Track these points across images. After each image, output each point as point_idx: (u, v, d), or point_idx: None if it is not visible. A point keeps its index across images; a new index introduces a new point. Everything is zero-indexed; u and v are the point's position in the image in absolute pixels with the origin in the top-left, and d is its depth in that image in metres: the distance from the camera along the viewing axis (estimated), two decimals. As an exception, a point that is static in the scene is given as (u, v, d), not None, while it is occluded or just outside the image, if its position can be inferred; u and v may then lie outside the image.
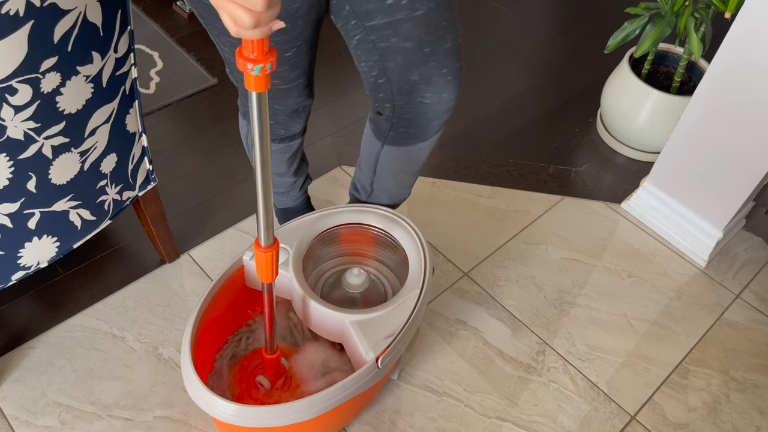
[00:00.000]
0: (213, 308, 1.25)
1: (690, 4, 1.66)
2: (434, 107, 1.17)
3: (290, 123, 1.31)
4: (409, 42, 1.07)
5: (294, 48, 1.12)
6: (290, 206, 1.60)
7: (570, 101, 2.16)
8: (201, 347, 1.24)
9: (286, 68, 1.16)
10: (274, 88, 1.20)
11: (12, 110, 1.01)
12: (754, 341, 1.58)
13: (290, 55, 1.13)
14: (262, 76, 0.77)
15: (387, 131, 1.25)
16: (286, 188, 1.54)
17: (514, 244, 1.73)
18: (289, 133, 1.34)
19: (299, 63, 1.16)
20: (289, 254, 1.25)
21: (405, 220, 1.31)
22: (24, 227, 1.19)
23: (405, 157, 1.30)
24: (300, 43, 1.12)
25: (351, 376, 1.12)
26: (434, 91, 1.14)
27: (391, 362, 1.19)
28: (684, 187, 1.71)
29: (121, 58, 1.16)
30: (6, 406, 1.35)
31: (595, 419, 1.42)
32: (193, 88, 2.07)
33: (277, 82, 1.19)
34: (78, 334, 1.47)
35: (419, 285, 1.23)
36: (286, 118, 1.29)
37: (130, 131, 1.28)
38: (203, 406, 1.09)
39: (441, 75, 1.12)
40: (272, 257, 1.02)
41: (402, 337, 1.18)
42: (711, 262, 1.73)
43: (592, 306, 1.62)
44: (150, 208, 1.47)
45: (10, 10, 0.92)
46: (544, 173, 1.92)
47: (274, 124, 1.30)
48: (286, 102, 1.24)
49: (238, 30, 0.70)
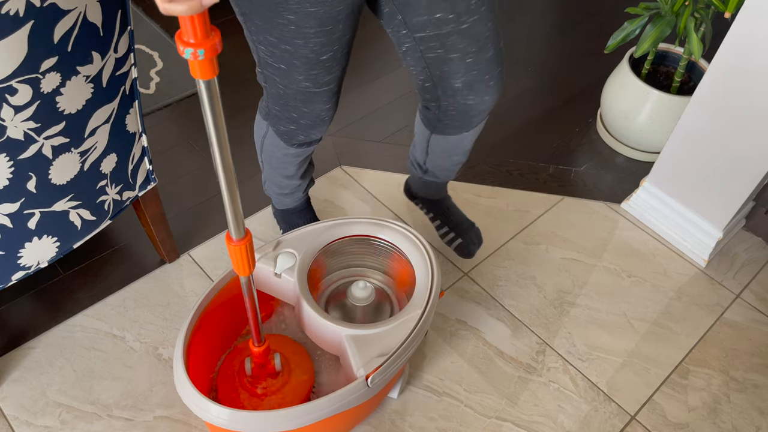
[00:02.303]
0: (213, 310, 1.24)
1: (690, 4, 1.66)
2: (477, 107, 1.24)
3: (312, 130, 1.29)
4: (454, 53, 1.14)
5: (331, 52, 1.12)
6: (290, 207, 1.60)
7: (570, 101, 2.16)
8: (201, 349, 1.24)
9: (321, 71, 1.15)
10: (305, 91, 1.18)
11: (12, 110, 1.02)
12: (754, 341, 1.58)
13: (326, 59, 1.13)
14: (207, 60, 0.73)
15: (435, 122, 1.33)
16: (291, 190, 1.53)
17: (514, 244, 1.73)
18: (308, 139, 1.33)
19: (333, 68, 1.16)
20: (296, 260, 1.24)
21: (418, 238, 1.29)
22: (24, 227, 1.19)
23: (453, 143, 1.37)
24: (337, 47, 1.12)
25: (337, 392, 1.09)
26: (477, 95, 1.22)
27: (383, 382, 1.15)
28: (684, 187, 1.71)
29: (121, 58, 1.16)
30: (6, 406, 1.35)
31: (595, 419, 1.42)
32: (193, 88, 2.07)
33: (308, 84, 1.17)
34: (78, 334, 1.47)
35: (422, 306, 1.20)
36: (310, 125, 1.27)
37: (130, 131, 1.28)
38: (193, 409, 1.08)
39: (483, 81, 1.19)
40: (245, 249, 1.00)
41: (396, 358, 1.14)
42: (711, 262, 1.73)
43: (592, 306, 1.62)
44: (150, 208, 1.47)
45: (10, 10, 0.92)
46: (544, 173, 1.92)
47: (296, 129, 1.28)
48: (314, 106, 1.22)
49: (164, 5, 0.65)
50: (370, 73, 2.19)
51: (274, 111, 1.28)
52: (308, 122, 1.26)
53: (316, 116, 1.25)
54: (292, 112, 1.24)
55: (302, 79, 1.15)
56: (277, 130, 1.32)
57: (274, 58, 1.13)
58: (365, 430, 1.37)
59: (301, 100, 1.21)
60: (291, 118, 1.26)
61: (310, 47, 1.09)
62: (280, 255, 1.24)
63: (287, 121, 1.27)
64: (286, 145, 1.35)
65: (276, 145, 1.36)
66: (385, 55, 2.25)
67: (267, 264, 1.24)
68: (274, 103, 1.25)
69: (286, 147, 1.35)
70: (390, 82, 2.17)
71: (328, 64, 1.14)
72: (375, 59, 2.24)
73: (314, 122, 1.27)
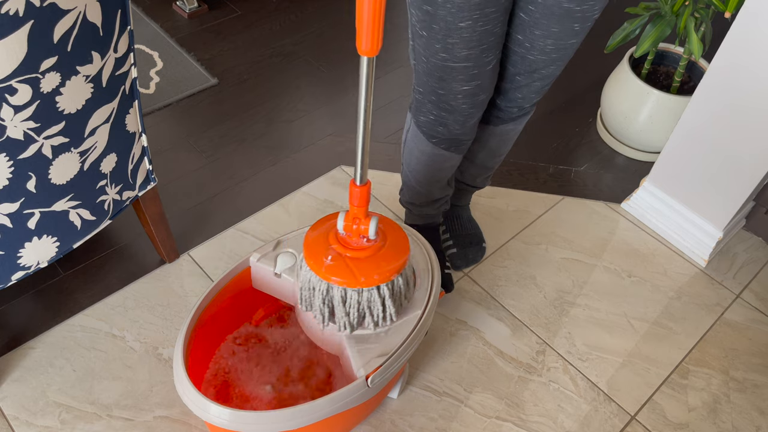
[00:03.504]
0: (212, 309, 1.24)
1: (690, 4, 1.66)
2: (520, 102, 1.33)
3: (450, 119, 1.27)
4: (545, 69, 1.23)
5: (469, 20, 1.10)
6: (418, 224, 1.60)
7: (570, 101, 2.16)
8: (200, 349, 1.24)
9: (457, 41, 1.13)
10: (441, 64, 1.17)
11: (12, 110, 1.01)
12: (754, 341, 1.58)
13: (464, 27, 1.11)
14: None
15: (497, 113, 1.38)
16: (421, 202, 1.53)
17: (514, 244, 1.73)
18: (448, 134, 1.31)
19: (472, 41, 1.13)
20: (297, 260, 1.23)
21: (419, 239, 1.28)
22: (24, 227, 1.19)
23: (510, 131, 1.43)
24: (477, 16, 1.09)
25: (338, 392, 1.09)
26: (524, 95, 1.31)
27: (383, 382, 1.15)
28: (684, 187, 1.71)
29: (120, 58, 1.16)
30: (6, 406, 1.35)
31: (595, 419, 1.42)
32: (193, 88, 2.07)
33: (444, 56, 1.15)
34: (78, 334, 1.47)
35: (422, 306, 1.20)
36: (448, 110, 1.25)
37: (130, 131, 1.28)
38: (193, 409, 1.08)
39: (535, 89, 1.29)
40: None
41: (396, 358, 1.14)
42: (711, 262, 1.73)
43: (592, 306, 1.62)
44: (150, 208, 1.47)
45: (10, 10, 0.92)
46: (544, 173, 1.92)
47: (435, 119, 1.28)
48: (450, 85, 1.20)
49: None
50: (370, 73, 2.19)
51: (417, 96, 1.27)
52: (446, 108, 1.25)
53: (453, 99, 1.22)
54: (431, 94, 1.24)
55: (439, 49, 1.14)
56: (417, 122, 1.32)
57: (420, 23, 1.13)
58: (365, 430, 1.37)
59: (438, 77, 1.19)
60: (431, 103, 1.25)
61: (447, 8, 1.07)
62: (280, 255, 1.24)
63: (428, 106, 1.27)
64: (427, 140, 1.34)
65: (416, 140, 1.36)
66: (385, 55, 2.26)
67: (267, 264, 1.23)
68: (418, 83, 1.25)
69: (425, 142, 1.34)
70: (390, 82, 2.17)
71: (465, 34, 1.11)
72: (375, 59, 2.24)
73: (452, 109, 1.24)
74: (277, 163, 1.87)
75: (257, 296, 1.33)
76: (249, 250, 1.65)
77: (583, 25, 1.15)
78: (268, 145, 1.92)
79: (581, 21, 1.14)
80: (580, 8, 1.11)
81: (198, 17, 2.34)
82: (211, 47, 2.22)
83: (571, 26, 1.14)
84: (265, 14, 2.39)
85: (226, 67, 2.16)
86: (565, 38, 1.16)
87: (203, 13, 2.35)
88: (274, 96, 2.08)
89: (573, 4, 1.10)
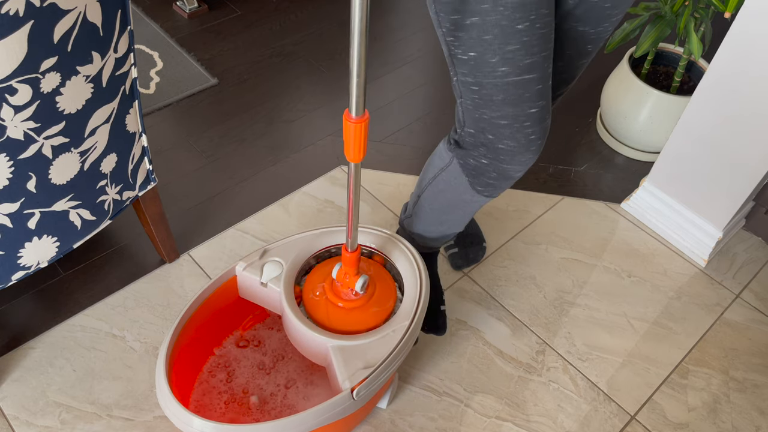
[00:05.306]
0: (199, 319, 1.23)
1: (690, 4, 1.66)
2: None
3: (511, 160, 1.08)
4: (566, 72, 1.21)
5: (527, 21, 0.95)
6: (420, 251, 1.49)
7: (570, 101, 2.16)
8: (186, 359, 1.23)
9: (518, 47, 0.97)
10: (502, 83, 1.00)
11: (12, 110, 1.02)
12: (754, 341, 1.59)
13: (523, 30, 0.95)
14: None
15: None
16: (435, 236, 1.39)
17: (514, 244, 1.73)
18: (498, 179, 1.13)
19: (534, 46, 0.98)
20: (283, 269, 1.22)
21: (407, 247, 1.26)
22: (24, 227, 1.19)
23: None
24: (534, 17, 0.96)
25: (323, 404, 1.07)
26: None
27: (369, 394, 1.13)
28: (684, 187, 1.71)
29: (121, 58, 1.16)
30: (6, 406, 1.35)
31: (595, 419, 1.42)
32: (193, 88, 2.07)
33: (505, 69, 0.98)
34: (78, 334, 1.47)
35: (410, 317, 1.18)
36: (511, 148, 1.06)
37: (130, 131, 1.28)
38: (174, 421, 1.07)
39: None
40: (362, 128, 0.93)
41: (383, 370, 1.12)
42: (711, 262, 1.73)
43: (592, 306, 1.62)
44: (150, 208, 1.47)
45: (10, 10, 0.92)
46: (544, 173, 1.92)
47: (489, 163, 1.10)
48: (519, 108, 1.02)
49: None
50: (369, 73, 2.19)
51: (467, 137, 1.10)
52: (509, 145, 1.06)
53: (520, 129, 1.03)
54: (488, 133, 1.06)
55: (497, 63, 0.97)
56: (464, 164, 1.15)
57: (465, 45, 0.98)
58: (365, 430, 1.37)
59: (500, 101, 1.01)
60: (486, 143, 1.08)
61: (500, 10, 0.93)
62: (266, 264, 1.23)
63: (481, 149, 1.10)
64: (470, 187, 1.17)
65: (455, 183, 1.19)
66: (386, 55, 2.26)
67: (253, 273, 1.22)
68: (469, 122, 1.08)
69: (467, 189, 1.18)
70: (390, 82, 2.17)
71: (525, 38, 0.95)
72: (375, 59, 2.24)
73: (517, 144, 1.05)
74: (277, 163, 1.87)
75: (247, 303, 1.32)
76: (249, 249, 1.65)
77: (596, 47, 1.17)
78: (268, 145, 1.92)
79: (595, 42, 1.15)
80: (595, 30, 1.10)
81: (198, 17, 2.34)
82: (211, 47, 2.22)
83: (584, 47, 1.16)
84: (265, 14, 2.39)
85: (226, 67, 2.16)
86: (577, 59, 1.18)
87: (203, 13, 2.35)
88: (274, 96, 2.08)
89: (588, 27, 1.10)
